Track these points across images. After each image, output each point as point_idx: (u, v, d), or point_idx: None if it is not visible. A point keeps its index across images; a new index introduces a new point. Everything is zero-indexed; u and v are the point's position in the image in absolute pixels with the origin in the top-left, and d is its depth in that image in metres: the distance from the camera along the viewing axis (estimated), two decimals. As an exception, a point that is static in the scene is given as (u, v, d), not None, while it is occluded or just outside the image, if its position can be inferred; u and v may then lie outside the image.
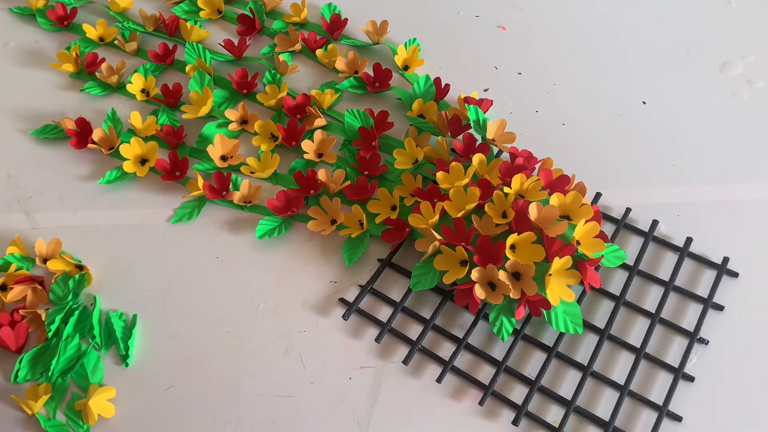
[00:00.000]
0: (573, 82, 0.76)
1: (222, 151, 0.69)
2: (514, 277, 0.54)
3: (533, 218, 0.54)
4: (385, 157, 0.69)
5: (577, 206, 0.56)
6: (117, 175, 0.68)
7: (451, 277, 0.55)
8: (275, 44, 0.80)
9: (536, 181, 0.58)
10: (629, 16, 0.83)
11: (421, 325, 0.58)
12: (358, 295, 0.59)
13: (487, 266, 0.53)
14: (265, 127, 0.70)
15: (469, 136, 0.66)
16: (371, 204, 0.64)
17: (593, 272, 0.56)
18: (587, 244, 0.54)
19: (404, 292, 0.59)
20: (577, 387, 0.53)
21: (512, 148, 0.65)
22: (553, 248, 0.53)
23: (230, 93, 0.76)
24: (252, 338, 0.57)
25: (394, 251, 0.62)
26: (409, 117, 0.71)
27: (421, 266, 0.58)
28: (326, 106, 0.73)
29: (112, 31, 0.82)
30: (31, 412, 0.53)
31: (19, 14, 0.86)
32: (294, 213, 0.63)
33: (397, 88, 0.74)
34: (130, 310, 0.59)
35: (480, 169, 0.62)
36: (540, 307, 0.54)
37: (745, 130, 0.71)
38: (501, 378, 0.55)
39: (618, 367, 0.55)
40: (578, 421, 0.53)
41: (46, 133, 0.72)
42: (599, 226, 0.55)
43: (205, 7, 0.84)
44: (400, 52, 0.76)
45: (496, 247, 0.54)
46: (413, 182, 0.64)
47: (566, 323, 0.55)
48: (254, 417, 0.53)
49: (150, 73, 0.77)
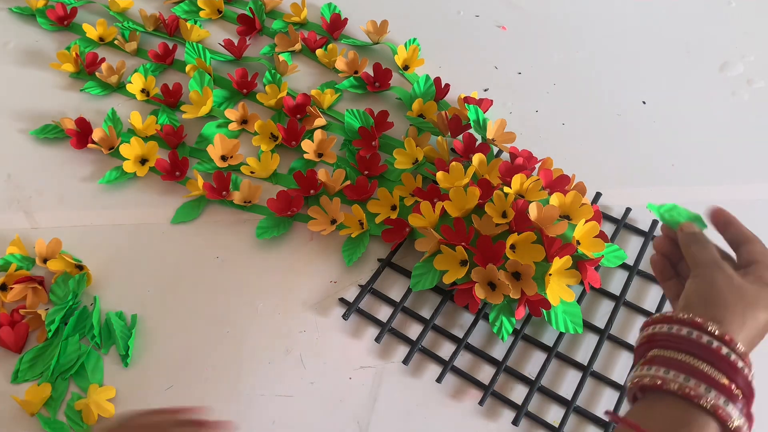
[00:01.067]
0: (573, 82, 0.76)
1: (222, 151, 0.69)
2: (514, 277, 0.54)
3: (533, 218, 0.54)
4: (385, 156, 0.69)
5: (577, 206, 0.56)
6: (117, 175, 0.68)
7: (451, 277, 0.55)
8: (275, 44, 0.80)
9: (536, 181, 0.58)
10: (629, 16, 0.83)
11: (421, 325, 0.58)
12: (358, 295, 0.59)
13: (487, 266, 0.53)
14: (265, 127, 0.70)
15: (469, 136, 0.66)
16: (371, 204, 0.64)
17: (593, 272, 0.56)
18: (587, 244, 0.54)
19: (404, 292, 0.59)
20: (577, 387, 0.53)
21: (512, 147, 0.65)
22: (553, 248, 0.53)
23: (230, 93, 0.76)
24: (252, 338, 0.57)
25: (394, 251, 0.62)
26: (409, 117, 0.71)
27: (421, 266, 0.58)
28: (326, 106, 0.73)
29: (112, 31, 0.82)
30: (31, 413, 0.53)
31: (19, 14, 0.86)
32: (294, 213, 0.63)
33: (397, 88, 0.74)
34: (130, 310, 0.59)
35: (480, 169, 0.62)
36: (540, 307, 0.54)
37: (745, 130, 0.71)
38: (501, 378, 0.55)
39: (618, 367, 0.55)
40: (578, 421, 0.53)
41: (46, 133, 0.72)
42: (599, 226, 0.55)
43: (205, 7, 0.85)
44: (400, 52, 0.76)
45: (496, 247, 0.54)
46: (413, 182, 0.64)
47: (566, 323, 0.55)
48: (254, 417, 0.53)
49: (150, 72, 0.77)
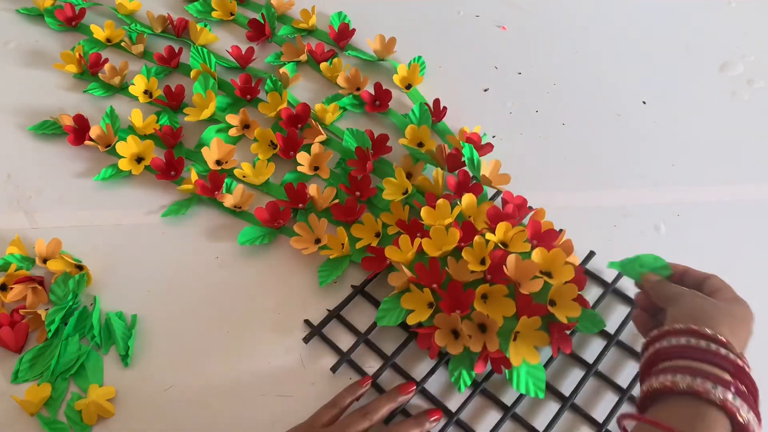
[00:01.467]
0: (573, 82, 0.76)
1: (217, 155, 0.69)
2: (480, 329, 0.51)
3: (509, 271, 0.52)
4: (379, 181, 0.67)
5: (560, 265, 0.53)
6: (112, 172, 0.69)
7: (416, 318, 0.53)
8: (282, 53, 0.79)
9: (521, 232, 0.55)
10: (629, 16, 0.83)
11: (381, 361, 0.55)
12: (323, 320, 0.57)
13: (452, 313, 0.51)
14: (265, 135, 0.70)
15: (464, 174, 0.64)
16: (355, 228, 0.62)
17: (565, 336, 0.52)
18: (563, 306, 0.51)
19: (371, 324, 0.57)
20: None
21: (506, 192, 0.62)
22: (524, 305, 0.51)
23: (233, 99, 0.76)
24: (252, 338, 0.57)
25: (370, 280, 0.60)
26: (404, 144, 0.68)
27: (389, 301, 0.56)
28: (328, 123, 0.72)
29: (119, 33, 0.82)
30: (31, 413, 0.53)
31: (25, 15, 0.86)
32: (280, 225, 0.63)
33: (394, 113, 0.73)
34: (130, 310, 0.59)
35: (467, 211, 0.59)
36: (501, 365, 0.51)
37: (745, 130, 0.71)
38: (451, 430, 0.52)
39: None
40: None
41: (44, 129, 0.72)
42: (578, 290, 0.51)
43: (218, 8, 0.85)
44: (400, 71, 0.74)
45: (465, 295, 0.52)
46: (401, 211, 0.62)
47: (528, 385, 0.51)
48: (254, 417, 0.53)
49: (153, 74, 0.77)
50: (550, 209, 0.60)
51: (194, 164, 0.69)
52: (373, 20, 0.82)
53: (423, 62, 0.77)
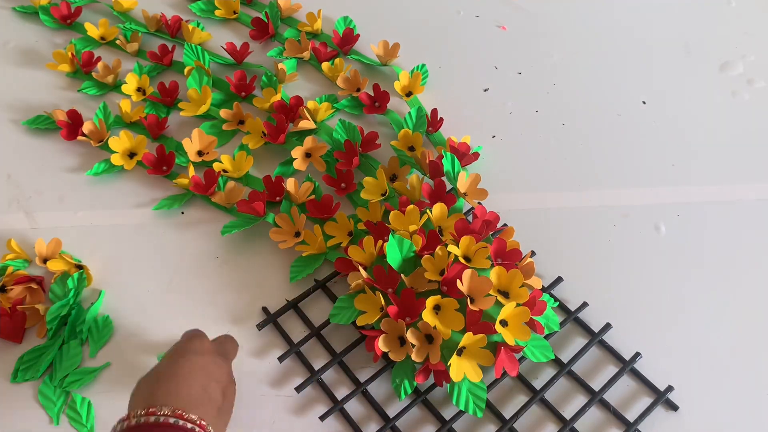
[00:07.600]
0: (573, 82, 0.76)
1: (199, 146, 0.69)
2: (426, 339, 0.50)
3: (463, 285, 0.51)
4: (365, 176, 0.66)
5: (516, 286, 0.52)
6: (105, 167, 0.68)
7: (366, 320, 0.52)
8: (284, 48, 0.79)
9: (483, 248, 0.54)
10: (629, 16, 0.83)
11: (329, 357, 0.55)
12: (279, 309, 0.57)
13: (399, 320, 0.50)
14: (255, 125, 0.69)
15: (440, 183, 0.62)
16: (328, 226, 0.62)
17: (511, 359, 0.50)
18: (513, 329, 0.50)
19: (325, 320, 0.57)
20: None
21: (479, 207, 0.60)
22: (472, 321, 0.50)
23: (227, 96, 0.75)
24: (252, 338, 0.57)
25: (331, 277, 0.59)
26: (394, 147, 0.67)
27: (344, 300, 0.56)
28: (319, 119, 0.71)
29: (114, 31, 0.82)
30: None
31: (21, 13, 0.85)
32: (256, 212, 0.62)
33: (392, 114, 0.72)
34: (130, 309, 0.59)
35: (437, 220, 0.58)
36: (443, 379, 0.50)
37: (745, 130, 0.70)
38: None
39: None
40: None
41: (38, 124, 0.72)
42: (531, 314, 0.50)
43: (221, 7, 0.84)
44: (402, 79, 0.74)
45: (417, 303, 0.51)
46: (378, 212, 0.61)
47: (467, 402, 0.50)
48: (254, 417, 0.53)
49: (144, 71, 0.77)
50: (550, 209, 0.60)
51: (177, 156, 0.68)
52: (374, 20, 0.82)
53: (426, 71, 0.76)
